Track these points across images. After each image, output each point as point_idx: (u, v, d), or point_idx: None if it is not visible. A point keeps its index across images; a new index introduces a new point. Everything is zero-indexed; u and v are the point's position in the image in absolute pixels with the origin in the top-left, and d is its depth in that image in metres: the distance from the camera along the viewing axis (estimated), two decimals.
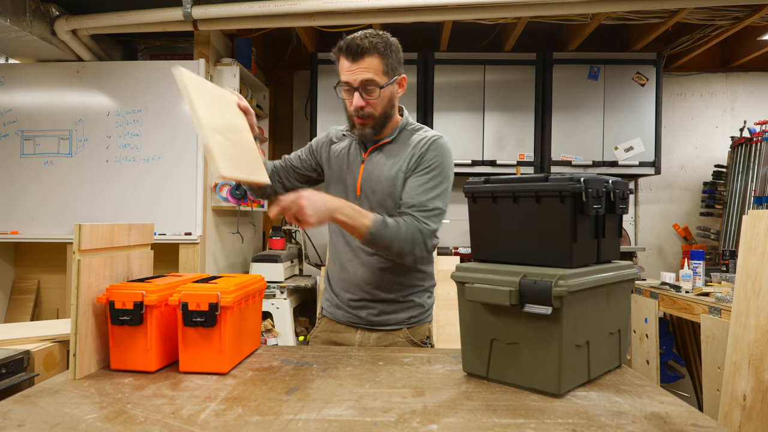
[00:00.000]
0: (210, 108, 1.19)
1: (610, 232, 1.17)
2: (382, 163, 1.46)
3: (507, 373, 1.10)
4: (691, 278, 2.88)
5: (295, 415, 0.92)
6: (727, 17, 3.19)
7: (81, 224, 1.11)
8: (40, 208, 3.10)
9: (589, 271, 1.07)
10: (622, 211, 1.17)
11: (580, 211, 1.05)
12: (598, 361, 1.13)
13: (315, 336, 1.58)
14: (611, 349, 1.18)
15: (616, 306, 1.17)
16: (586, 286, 1.03)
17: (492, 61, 3.75)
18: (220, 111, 1.26)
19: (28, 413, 0.93)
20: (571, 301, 1.01)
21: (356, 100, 1.38)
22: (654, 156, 3.71)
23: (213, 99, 1.25)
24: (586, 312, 1.07)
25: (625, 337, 1.21)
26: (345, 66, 1.37)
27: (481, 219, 1.21)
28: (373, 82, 1.36)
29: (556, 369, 1.01)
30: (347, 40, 1.37)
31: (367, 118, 1.41)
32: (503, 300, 1.03)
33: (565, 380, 1.03)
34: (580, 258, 1.08)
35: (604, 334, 1.14)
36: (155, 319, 1.17)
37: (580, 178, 1.04)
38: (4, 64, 3.28)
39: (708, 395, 2.31)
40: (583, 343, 1.07)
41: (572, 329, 1.03)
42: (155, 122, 3.07)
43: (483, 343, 1.13)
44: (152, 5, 2.87)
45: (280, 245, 3.63)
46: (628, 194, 1.20)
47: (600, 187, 1.08)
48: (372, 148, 1.48)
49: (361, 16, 2.93)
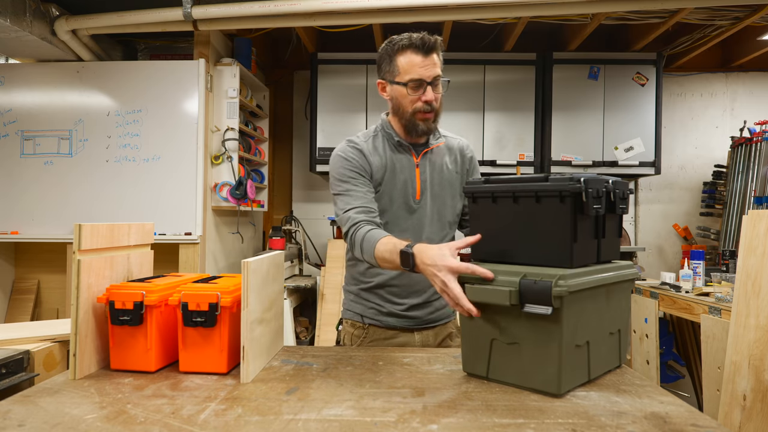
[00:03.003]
0: (260, 293, 1.17)
1: (610, 232, 1.17)
2: (439, 165, 1.51)
3: (507, 373, 1.10)
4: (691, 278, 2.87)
5: (295, 415, 0.92)
6: (727, 17, 3.19)
7: (81, 224, 1.11)
8: (40, 208, 3.10)
9: (589, 271, 1.07)
10: (622, 211, 1.17)
11: (580, 211, 1.04)
12: (599, 361, 1.13)
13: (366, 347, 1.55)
14: (611, 349, 1.17)
15: (617, 306, 1.17)
16: (585, 286, 1.03)
17: (492, 61, 3.75)
18: (267, 287, 1.24)
19: (28, 413, 0.93)
20: (571, 301, 1.01)
21: (429, 93, 1.40)
22: (654, 156, 3.71)
23: (264, 277, 1.21)
24: (586, 312, 1.07)
25: (625, 337, 1.21)
26: (417, 61, 1.38)
27: (481, 219, 1.20)
28: (440, 77, 1.41)
29: (556, 369, 1.01)
30: (416, 37, 1.38)
31: (432, 112, 1.43)
32: (503, 300, 1.02)
33: (565, 380, 1.02)
34: (581, 258, 1.08)
35: (605, 334, 1.14)
36: (155, 319, 1.17)
37: (581, 178, 1.04)
38: (4, 64, 3.28)
39: (708, 395, 2.31)
40: (583, 343, 1.07)
41: (572, 329, 1.03)
42: (155, 122, 3.07)
43: (483, 343, 1.12)
44: (152, 5, 2.87)
45: (280, 245, 3.63)
46: (628, 194, 1.19)
47: (600, 187, 1.08)
48: (425, 152, 1.50)
49: (361, 16, 2.93)
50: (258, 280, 1.15)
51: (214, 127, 3.18)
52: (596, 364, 1.12)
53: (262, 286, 1.18)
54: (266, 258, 1.23)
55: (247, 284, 1.09)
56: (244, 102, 3.38)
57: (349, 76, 3.74)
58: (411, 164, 1.49)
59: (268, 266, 1.23)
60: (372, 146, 1.50)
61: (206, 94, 3.09)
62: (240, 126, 3.25)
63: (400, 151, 1.50)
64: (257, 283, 1.14)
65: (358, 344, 1.55)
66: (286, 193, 4.34)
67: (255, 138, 3.72)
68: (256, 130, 3.73)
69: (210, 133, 3.15)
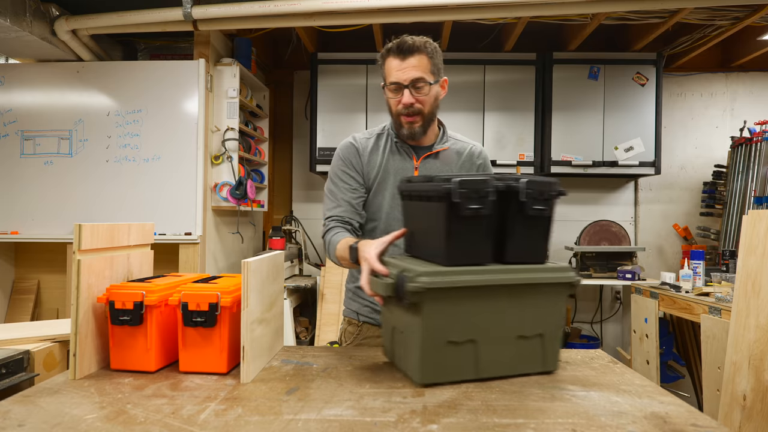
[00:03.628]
0: (260, 293, 1.17)
1: (520, 233, 1.14)
2: (442, 170, 1.49)
3: (399, 359, 1.19)
4: (691, 278, 2.88)
5: (295, 415, 0.92)
6: (727, 17, 3.19)
7: (81, 224, 1.11)
8: (40, 208, 3.10)
9: (469, 270, 1.08)
10: (537, 212, 1.12)
11: (455, 211, 1.06)
12: (498, 362, 1.12)
13: (359, 344, 1.56)
14: (524, 353, 1.14)
15: (533, 309, 1.14)
16: (455, 285, 1.05)
17: (492, 61, 3.75)
18: (267, 288, 1.24)
19: (28, 413, 0.93)
20: (435, 297, 1.04)
21: (406, 97, 1.40)
22: (654, 156, 3.71)
23: (264, 277, 1.21)
24: (468, 311, 1.08)
25: (553, 341, 1.16)
26: (394, 65, 1.40)
27: (405, 215, 1.32)
28: (422, 80, 1.40)
29: (418, 360, 1.06)
30: (395, 42, 1.41)
31: (416, 115, 1.43)
32: (386, 291, 1.08)
33: (430, 372, 1.07)
34: (463, 257, 1.10)
35: (507, 335, 1.12)
36: (155, 319, 1.17)
37: (458, 179, 1.06)
38: (4, 64, 3.28)
39: (708, 395, 2.31)
40: (462, 340, 1.09)
41: (439, 325, 1.06)
42: (155, 122, 3.07)
43: (388, 330, 1.25)
44: (152, 5, 2.87)
45: (280, 245, 3.63)
46: (553, 195, 1.15)
47: (483, 188, 1.07)
48: (427, 155, 1.50)
49: (361, 16, 2.93)
50: (258, 280, 1.15)
51: (214, 127, 3.18)
52: (493, 365, 1.12)
53: (262, 286, 1.18)
54: (266, 258, 1.23)
55: (247, 284, 1.09)
56: (244, 102, 3.38)
57: (349, 76, 3.74)
58: (410, 167, 1.50)
59: (268, 266, 1.23)
60: (373, 144, 1.52)
61: (206, 94, 3.09)
62: (240, 126, 3.25)
63: (401, 153, 1.51)
64: (257, 283, 1.15)
65: (351, 341, 1.56)
66: (286, 193, 4.34)
67: (255, 138, 3.72)
68: (256, 130, 3.73)
69: (210, 133, 3.15)
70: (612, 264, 3.67)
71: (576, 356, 1.31)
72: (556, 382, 1.11)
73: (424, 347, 1.06)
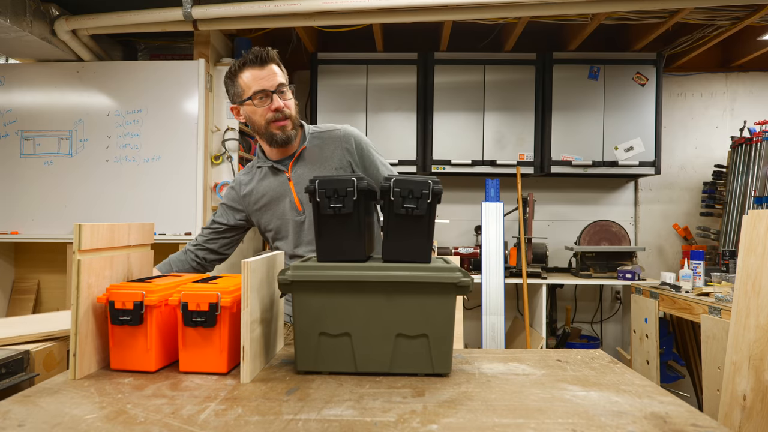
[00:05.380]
0: (260, 293, 1.19)
1: (395, 231, 1.15)
2: (309, 169, 1.51)
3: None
4: (691, 278, 2.88)
5: (295, 415, 0.92)
6: (727, 17, 3.19)
7: (81, 224, 1.11)
8: (40, 208, 3.10)
9: (338, 266, 1.12)
10: (408, 211, 1.11)
11: (318, 210, 1.15)
12: (376, 358, 1.13)
13: None
14: (408, 352, 1.13)
15: (415, 309, 1.11)
16: (321, 279, 1.11)
17: (492, 61, 3.75)
18: (267, 287, 1.25)
19: (28, 413, 0.93)
20: (304, 290, 1.11)
21: (276, 101, 1.44)
22: (654, 156, 3.71)
23: (264, 277, 1.22)
24: (342, 305, 1.11)
25: (440, 344, 1.12)
26: (255, 75, 1.43)
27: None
28: (284, 85, 1.46)
29: (295, 348, 1.14)
30: (247, 55, 1.44)
31: (287, 118, 1.47)
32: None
33: (307, 361, 1.13)
34: (334, 253, 1.16)
35: (385, 333, 1.12)
36: (155, 319, 1.17)
37: (319, 179, 1.13)
38: (4, 64, 3.28)
39: (708, 395, 2.31)
40: (336, 333, 1.12)
41: (311, 317, 1.12)
42: (155, 122, 3.07)
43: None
44: (152, 5, 2.88)
45: None
46: (428, 193, 1.12)
47: (344, 187, 1.12)
48: (291, 163, 1.53)
49: (361, 16, 2.93)
50: (258, 280, 1.15)
51: (214, 127, 3.18)
52: (370, 361, 1.13)
53: (262, 286, 1.18)
54: (266, 258, 1.23)
55: (247, 284, 1.09)
56: None
57: (349, 76, 3.74)
58: (284, 179, 1.53)
59: (268, 266, 1.23)
60: (250, 177, 1.61)
61: (206, 94, 3.09)
62: (240, 126, 3.25)
63: (275, 173, 1.55)
64: (257, 283, 1.15)
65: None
66: None
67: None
68: None
69: (210, 133, 3.15)
70: (612, 264, 3.67)
71: (576, 356, 1.31)
72: (556, 382, 1.11)
73: (298, 337, 1.13)
